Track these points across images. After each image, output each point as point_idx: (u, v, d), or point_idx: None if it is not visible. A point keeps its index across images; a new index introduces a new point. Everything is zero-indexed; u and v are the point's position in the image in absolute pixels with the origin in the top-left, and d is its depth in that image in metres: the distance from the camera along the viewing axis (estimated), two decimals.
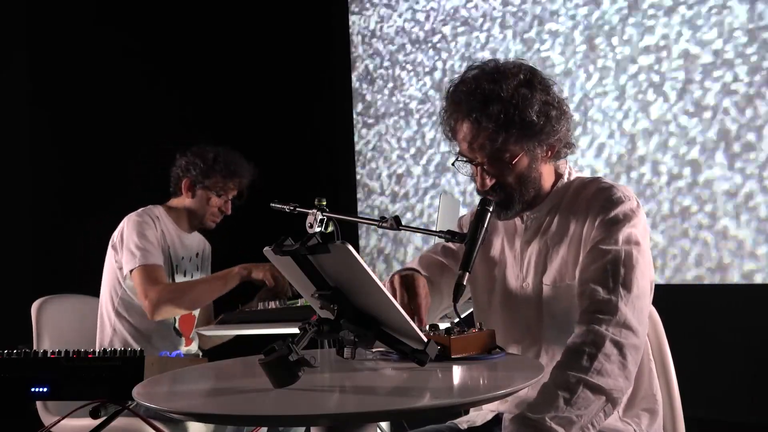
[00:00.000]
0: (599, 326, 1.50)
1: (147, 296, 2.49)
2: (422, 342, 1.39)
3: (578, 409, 1.43)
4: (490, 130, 1.61)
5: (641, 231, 1.62)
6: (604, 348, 1.47)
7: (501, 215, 1.71)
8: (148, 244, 2.56)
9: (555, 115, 1.64)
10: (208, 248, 2.94)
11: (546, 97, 1.64)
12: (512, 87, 1.61)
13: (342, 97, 5.05)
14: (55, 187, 4.04)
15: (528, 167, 1.67)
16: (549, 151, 1.70)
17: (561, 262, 1.68)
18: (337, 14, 5.10)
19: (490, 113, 1.59)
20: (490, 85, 1.61)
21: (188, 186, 2.75)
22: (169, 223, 2.73)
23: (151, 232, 2.60)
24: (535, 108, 1.61)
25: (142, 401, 1.29)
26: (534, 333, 1.70)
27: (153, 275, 2.52)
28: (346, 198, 4.97)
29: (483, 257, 1.83)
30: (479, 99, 1.61)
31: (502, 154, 1.64)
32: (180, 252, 2.74)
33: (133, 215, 2.64)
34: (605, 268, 1.57)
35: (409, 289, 1.63)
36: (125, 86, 4.30)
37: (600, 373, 1.46)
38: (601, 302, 1.53)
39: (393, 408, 1.21)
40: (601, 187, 1.68)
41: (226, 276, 2.58)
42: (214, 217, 2.78)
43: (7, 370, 1.78)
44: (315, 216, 2.01)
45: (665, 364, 1.79)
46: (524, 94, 1.61)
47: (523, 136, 1.62)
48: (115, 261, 2.63)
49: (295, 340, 1.29)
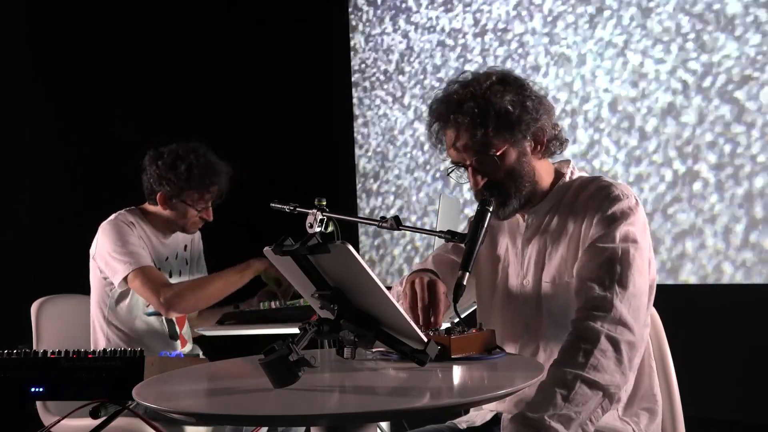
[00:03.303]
0: (594, 323, 1.51)
1: (160, 295, 2.42)
2: (422, 342, 1.39)
3: (576, 406, 1.43)
4: (468, 126, 1.65)
5: (639, 229, 1.62)
6: (600, 344, 1.48)
7: (499, 213, 1.71)
8: (132, 247, 2.49)
9: (532, 105, 1.67)
10: (197, 236, 2.83)
11: (520, 90, 1.68)
12: (484, 86, 1.67)
13: (343, 96, 5.05)
14: (55, 187, 4.04)
15: (517, 161, 1.69)
16: (538, 145, 1.71)
17: (560, 259, 1.68)
18: (336, 12, 5.10)
19: (465, 111, 1.65)
20: (463, 89, 1.68)
21: (163, 200, 2.61)
22: (146, 227, 2.63)
23: (129, 235, 2.52)
24: (507, 98, 1.65)
25: (142, 401, 1.29)
26: (533, 330, 1.71)
27: (153, 276, 2.48)
28: (346, 198, 4.97)
29: (490, 256, 1.84)
30: (454, 103, 1.67)
31: (487, 149, 1.66)
32: (162, 253, 2.66)
33: (106, 224, 2.56)
34: (601, 266, 1.57)
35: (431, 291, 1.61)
36: (125, 86, 4.31)
37: (596, 369, 1.46)
38: (597, 299, 1.54)
39: (393, 408, 1.21)
40: (601, 185, 1.69)
41: (242, 269, 2.53)
42: (195, 225, 2.67)
43: (6, 370, 1.77)
44: (315, 216, 2.01)
45: (665, 364, 1.79)
46: (496, 89, 1.66)
47: (503, 128, 1.65)
48: (100, 272, 2.56)
49: (295, 340, 1.29)
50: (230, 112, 4.72)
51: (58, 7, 4.08)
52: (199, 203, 2.62)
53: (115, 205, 2.70)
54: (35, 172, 4.02)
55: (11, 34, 3.98)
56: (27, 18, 4.04)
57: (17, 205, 3.91)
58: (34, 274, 3.86)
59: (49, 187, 4.03)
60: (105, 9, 4.28)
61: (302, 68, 4.93)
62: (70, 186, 4.09)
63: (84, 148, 4.13)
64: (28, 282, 3.77)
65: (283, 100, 4.88)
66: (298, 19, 4.95)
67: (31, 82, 4.06)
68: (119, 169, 4.07)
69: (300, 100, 4.91)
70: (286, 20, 4.94)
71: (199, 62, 4.66)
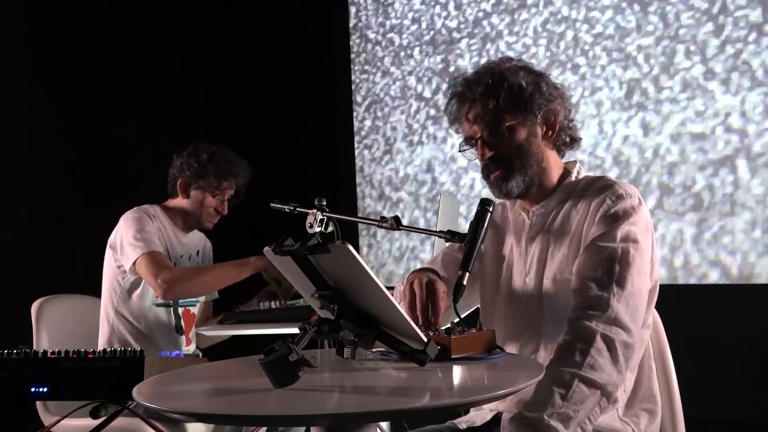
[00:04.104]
0: (589, 322, 1.51)
1: (159, 276, 2.47)
2: (422, 342, 1.39)
3: (575, 404, 1.44)
4: (481, 95, 1.70)
5: (641, 229, 1.62)
6: (595, 343, 1.48)
7: (503, 188, 1.73)
8: (148, 234, 2.57)
9: (546, 88, 1.72)
10: (208, 246, 2.94)
11: (538, 75, 1.74)
12: (504, 65, 1.74)
13: (343, 96, 5.05)
14: (55, 187, 4.04)
15: (527, 140, 1.71)
16: (549, 130, 1.74)
17: (562, 257, 1.69)
18: (336, 12, 5.10)
19: (479, 82, 1.71)
20: (482, 68, 1.75)
21: (183, 187, 2.75)
22: (165, 222, 2.73)
23: (149, 225, 2.61)
24: (522, 75, 1.71)
25: (142, 401, 1.29)
26: (534, 328, 1.71)
27: (158, 259, 2.53)
28: (346, 198, 4.97)
29: (495, 255, 1.84)
30: (472, 78, 1.73)
31: (497, 121, 1.70)
32: (178, 250, 2.74)
33: (129, 213, 2.65)
34: (600, 265, 1.57)
35: (430, 291, 1.62)
36: (125, 86, 4.31)
37: (593, 368, 1.47)
38: (593, 298, 1.54)
39: (393, 408, 1.21)
40: (604, 184, 1.69)
41: (242, 264, 2.57)
42: (210, 217, 2.77)
43: (6, 370, 1.78)
44: (315, 216, 2.01)
45: (665, 364, 1.79)
46: (514, 68, 1.73)
47: (515, 102, 1.69)
48: (114, 260, 2.62)
49: (295, 340, 1.28)
50: (230, 112, 4.72)
51: (58, 7, 4.08)
52: (217, 191, 2.73)
53: (115, 205, 2.71)
54: (35, 172, 4.02)
55: (11, 34, 3.98)
56: (27, 18, 4.04)
57: (17, 205, 3.91)
58: (34, 274, 3.86)
59: (49, 187, 4.03)
60: (105, 9, 4.28)
61: (302, 68, 4.93)
62: (70, 186, 4.09)
63: (84, 148, 4.13)
64: (28, 282, 3.78)
65: (283, 100, 4.88)
66: (298, 19, 4.95)
67: (31, 82, 4.06)
68: (119, 169, 4.08)
69: (300, 100, 4.91)
70: (286, 20, 4.94)
71: (199, 62, 4.66)
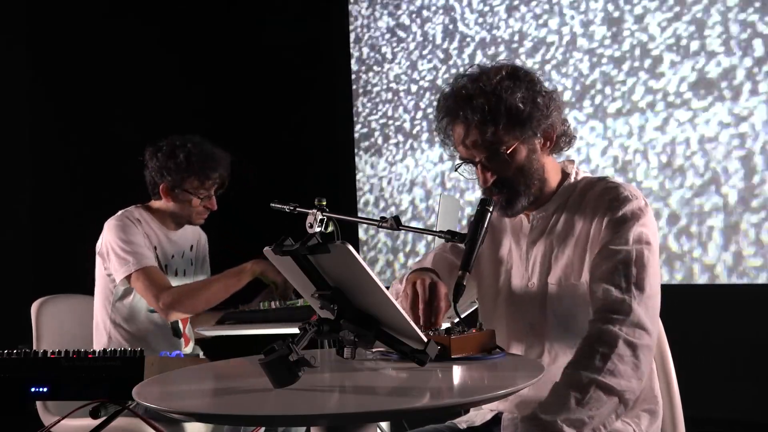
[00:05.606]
0: (613, 326, 1.49)
1: (160, 299, 2.44)
2: (422, 342, 1.39)
3: (590, 410, 1.42)
4: (478, 123, 1.62)
5: (651, 230, 1.61)
6: (618, 348, 1.46)
7: (508, 212, 1.70)
8: (136, 247, 2.50)
9: (542, 102, 1.64)
10: (203, 239, 2.87)
11: (531, 86, 1.65)
12: (494, 81, 1.63)
13: (343, 96, 5.05)
14: (55, 187, 4.04)
15: (527, 158, 1.67)
16: (547, 141, 1.69)
17: (566, 261, 1.67)
18: (336, 12, 5.10)
19: (475, 107, 1.61)
20: (472, 84, 1.65)
21: (165, 191, 2.63)
22: (152, 223, 2.65)
23: (135, 234, 2.54)
24: (518, 95, 1.62)
25: (142, 401, 1.29)
26: (538, 332, 1.70)
27: (155, 277, 2.49)
28: (346, 198, 4.97)
29: (492, 257, 1.82)
30: (464, 98, 1.63)
31: (497, 146, 1.64)
32: (168, 251, 2.68)
33: (112, 220, 2.57)
34: (617, 268, 1.55)
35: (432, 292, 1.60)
36: (125, 86, 4.31)
37: (613, 374, 1.45)
38: (615, 302, 1.52)
39: (393, 408, 1.21)
40: (608, 186, 1.67)
41: (239, 272, 2.54)
42: (200, 215, 2.69)
43: (7, 370, 1.77)
44: (315, 216, 2.01)
45: (665, 364, 1.78)
46: (507, 85, 1.63)
47: (513, 125, 1.63)
48: (104, 269, 2.57)
49: (295, 340, 1.28)
50: (230, 112, 4.72)
51: (58, 7, 4.08)
52: (201, 191, 2.64)
53: (115, 205, 2.71)
54: (35, 172, 4.02)
55: (11, 34, 3.98)
56: (27, 18, 4.05)
57: (17, 205, 3.91)
58: (34, 274, 3.87)
59: (49, 187, 4.03)
60: (105, 9, 4.28)
61: (302, 68, 4.93)
62: (70, 186, 4.09)
63: (84, 148, 4.13)
64: (28, 282, 3.78)
65: (283, 100, 4.88)
66: (298, 19, 4.94)
67: (31, 82, 4.06)
68: (119, 169, 4.06)
69: (300, 100, 4.90)
70: (286, 20, 4.93)
71: (199, 62, 4.66)
